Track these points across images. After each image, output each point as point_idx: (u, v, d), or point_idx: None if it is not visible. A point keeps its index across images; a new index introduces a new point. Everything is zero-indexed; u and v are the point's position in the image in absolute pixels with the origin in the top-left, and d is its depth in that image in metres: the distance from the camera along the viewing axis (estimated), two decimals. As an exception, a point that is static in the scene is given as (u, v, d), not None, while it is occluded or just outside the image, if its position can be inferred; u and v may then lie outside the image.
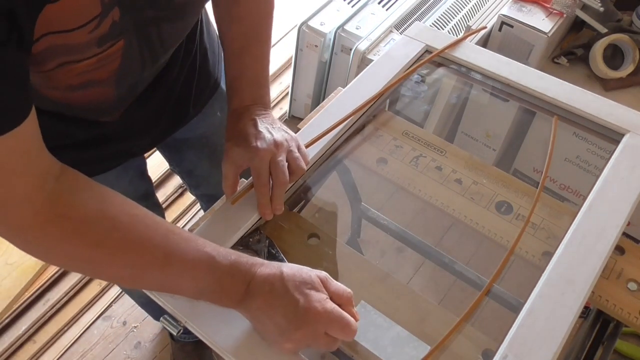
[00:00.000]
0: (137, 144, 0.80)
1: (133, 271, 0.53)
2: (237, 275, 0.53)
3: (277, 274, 0.53)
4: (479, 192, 0.74)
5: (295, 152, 0.66)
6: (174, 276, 0.53)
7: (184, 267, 0.53)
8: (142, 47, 0.60)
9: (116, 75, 0.60)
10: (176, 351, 1.33)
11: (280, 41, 2.05)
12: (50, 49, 0.49)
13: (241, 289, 0.53)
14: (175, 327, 0.59)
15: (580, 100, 0.77)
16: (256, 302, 0.52)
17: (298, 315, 0.51)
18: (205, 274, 0.53)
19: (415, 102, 0.86)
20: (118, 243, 0.52)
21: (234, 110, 0.71)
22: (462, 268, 0.91)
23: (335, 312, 0.51)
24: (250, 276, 0.53)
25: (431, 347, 0.57)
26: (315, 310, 0.51)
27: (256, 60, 0.73)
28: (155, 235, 0.53)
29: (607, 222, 0.63)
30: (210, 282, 0.53)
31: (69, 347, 1.36)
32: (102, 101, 0.65)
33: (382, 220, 0.99)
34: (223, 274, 0.53)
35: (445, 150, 0.79)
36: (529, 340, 0.54)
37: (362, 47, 1.44)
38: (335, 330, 0.51)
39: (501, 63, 0.82)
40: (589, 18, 1.38)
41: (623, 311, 0.66)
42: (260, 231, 0.67)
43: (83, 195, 0.52)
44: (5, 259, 1.43)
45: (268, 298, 0.52)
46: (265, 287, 0.52)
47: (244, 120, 0.68)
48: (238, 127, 0.68)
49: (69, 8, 0.47)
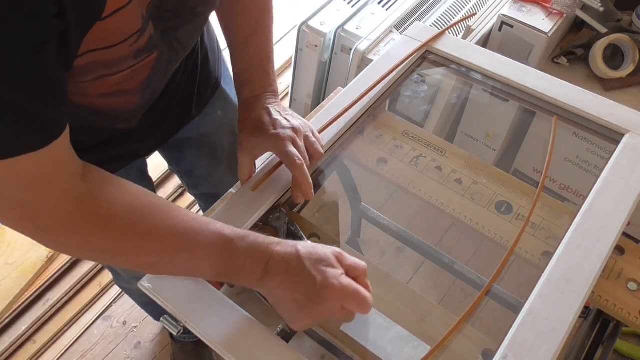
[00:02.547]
0: (142, 145, 0.81)
1: (157, 258, 0.55)
2: (256, 255, 0.54)
3: (294, 252, 0.54)
4: (479, 192, 0.73)
5: (311, 137, 0.68)
6: (195, 261, 0.55)
7: (205, 251, 0.54)
8: (170, 56, 0.62)
9: (143, 84, 0.62)
10: (176, 351, 1.33)
11: (280, 41, 2.05)
12: (91, 64, 0.51)
13: (260, 269, 0.54)
14: (175, 327, 0.59)
15: (580, 100, 0.77)
16: (275, 281, 0.53)
17: (316, 291, 0.52)
18: (225, 257, 0.54)
19: (415, 102, 0.86)
20: (143, 233, 0.53)
21: (245, 100, 0.71)
22: (462, 268, 0.91)
23: (352, 287, 0.52)
24: (268, 255, 0.54)
25: (431, 347, 0.57)
26: (332, 287, 0.51)
27: (262, 48, 0.73)
28: (177, 223, 0.54)
29: (607, 222, 0.63)
30: (231, 264, 0.54)
31: (69, 347, 1.36)
32: (125, 109, 0.67)
33: (382, 220, 0.99)
34: (243, 256, 0.54)
35: (445, 150, 0.79)
36: (529, 340, 0.54)
37: (362, 47, 1.44)
38: (352, 305, 0.52)
39: (501, 63, 0.82)
40: (589, 18, 1.38)
41: (623, 311, 0.66)
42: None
43: (108, 190, 0.53)
44: (5, 259, 1.43)
45: (286, 276, 0.53)
46: (283, 266, 0.53)
47: (257, 109, 0.69)
48: (252, 117, 0.69)
49: (116, 25, 0.49)
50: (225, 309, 0.57)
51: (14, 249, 1.44)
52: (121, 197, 0.54)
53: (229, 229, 0.56)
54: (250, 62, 0.73)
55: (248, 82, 0.72)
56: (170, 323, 0.59)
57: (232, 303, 0.57)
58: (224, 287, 0.63)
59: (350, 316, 0.54)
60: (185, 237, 0.54)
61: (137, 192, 0.55)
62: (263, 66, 0.73)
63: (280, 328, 0.62)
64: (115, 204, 0.53)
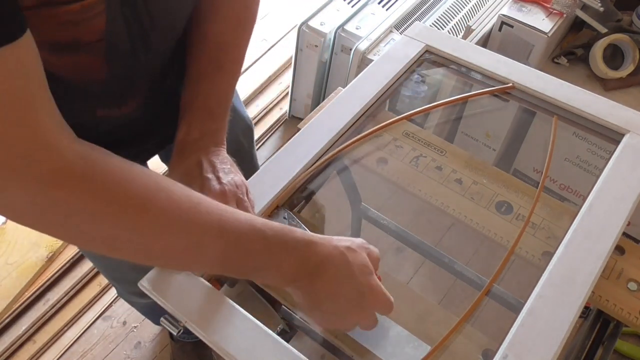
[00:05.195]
0: (145, 148, 0.78)
1: (186, 241, 0.46)
2: (294, 252, 0.50)
3: (339, 255, 0.51)
4: (479, 192, 0.73)
5: (245, 201, 0.61)
6: (228, 249, 0.48)
7: (239, 239, 0.48)
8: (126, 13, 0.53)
9: (104, 41, 0.53)
10: (176, 351, 1.33)
11: (280, 41, 2.05)
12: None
13: (294, 267, 0.50)
14: (175, 327, 0.59)
15: (580, 100, 0.77)
16: (318, 283, 0.51)
17: (362, 300, 0.52)
18: (260, 249, 0.49)
19: (415, 102, 0.86)
20: (167, 205, 0.44)
21: (179, 142, 0.63)
22: (462, 268, 0.91)
23: (387, 297, 0.53)
24: (308, 254, 0.50)
25: (431, 347, 0.57)
26: (376, 297, 0.52)
27: (214, 88, 0.65)
28: (203, 201, 0.47)
29: (607, 222, 0.63)
30: (266, 258, 0.50)
31: (69, 347, 1.36)
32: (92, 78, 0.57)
33: (382, 220, 0.99)
34: (280, 251, 0.50)
35: (445, 150, 0.79)
36: (529, 340, 0.54)
37: (362, 47, 1.44)
38: (386, 311, 0.54)
39: (501, 63, 0.82)
40: (589, 18, 1.38)
41: (623, 311, 0.66)
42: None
43: (113, 158, 0.45)
44: (5, 259, 1.43)
45: (333, 281, 0.51)
46: (330, 269, 0.51)
47: (189, 159, 0.62)
48: (183, 167, 0.62)
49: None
50: (225, 309, 0.57)
51: (14, 249, 1.44)
52: (132, 165, 0.46)
53: (261, 221, 0.50)
54: (195, 99, 0.64)
55: (188, 120, 0.64)
56: (170, 323, 0.59)
57: (232, 303, 0.57)
58: (224, 287, 0.63)
59: (375, 323, 0.54)
60: (218, 219, 0.47)
61: (144, 169, 0.47)
62: (210, 108, 0.65)
63: (280, 328, 0.62)
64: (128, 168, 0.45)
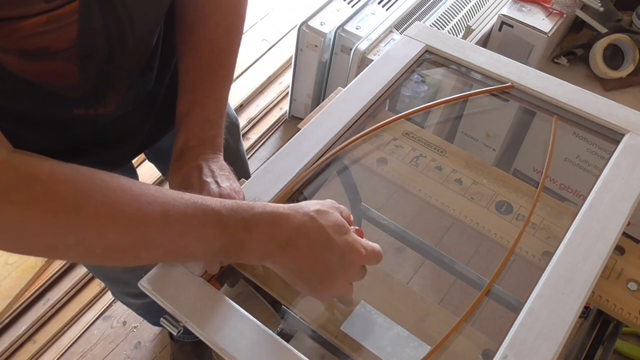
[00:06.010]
0: (117, 153, 0.76)
1: (130, 237, 0.46)
2: (257, 229, 0.49)
3: (310, 221, 0.50)
4: (479, 192, 0.73)
5: None
6: (177, 237, 0.47)
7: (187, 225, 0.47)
8: (106, 17, 0.51)
9: (77, 48, 0.51)
10: (176, 351, 1.33)
11: (280, 41, 2.05)
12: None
13: (261, 243, 0.49)
14: (175, 327, 0.59)
15: (580, 100, 0.77)
16: (295, 255, 0.50)
17: (344, 260, 0.51)
18: (215, 232, 0.48)
19: (415, 102, 0.86)
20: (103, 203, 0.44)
21: (178, 150, 0.64)
22: (462, 268, 0.91)
23: (370, 247, 0.53)
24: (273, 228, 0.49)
25: (431, 347, 0.57)
26: (358, 252, 0.52)
27: (209, 96, 0.66)
28: (146, 192, 0.46)
29: (607, 222, 0.63)
30: (225, 241, 0.48)
31: (69, 347, 1.36)
32: (66, 83, 0.56)
33: (382, 220, 0.99)
34: (239, 230, 0.48)
35: (445, 150, 0.79)
36: (529, 340, 0.54)
37: (362, 47, 1.44)
38: (372, 262, 0.54)
39: (501, 63, 0.82)
40: (589, 18, 1.38)
41: (623, 311, 0.66)
42: None
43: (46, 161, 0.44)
44: (5, 259, 1.43)
45: (309, 249, 0.50)
46: (303, 238, 0.50)
47: (188, 165, 0.62)
48: (181, 174, 0.62)
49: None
50: (225, 308, 0.57)
51: (14, 249, 1.44)
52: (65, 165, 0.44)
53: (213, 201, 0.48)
54: (192, 108, 0.65)
55: (186, 129, 0.65)
56: (170, 323, 0.59)
57: (232, 303, 0.57)
58: (224, 287, 0.63)
59: (365, 273, 0.55)
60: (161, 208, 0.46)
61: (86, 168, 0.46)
62: (207, 116, 0.65)
63: (280, 328, 0.62)
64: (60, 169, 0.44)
